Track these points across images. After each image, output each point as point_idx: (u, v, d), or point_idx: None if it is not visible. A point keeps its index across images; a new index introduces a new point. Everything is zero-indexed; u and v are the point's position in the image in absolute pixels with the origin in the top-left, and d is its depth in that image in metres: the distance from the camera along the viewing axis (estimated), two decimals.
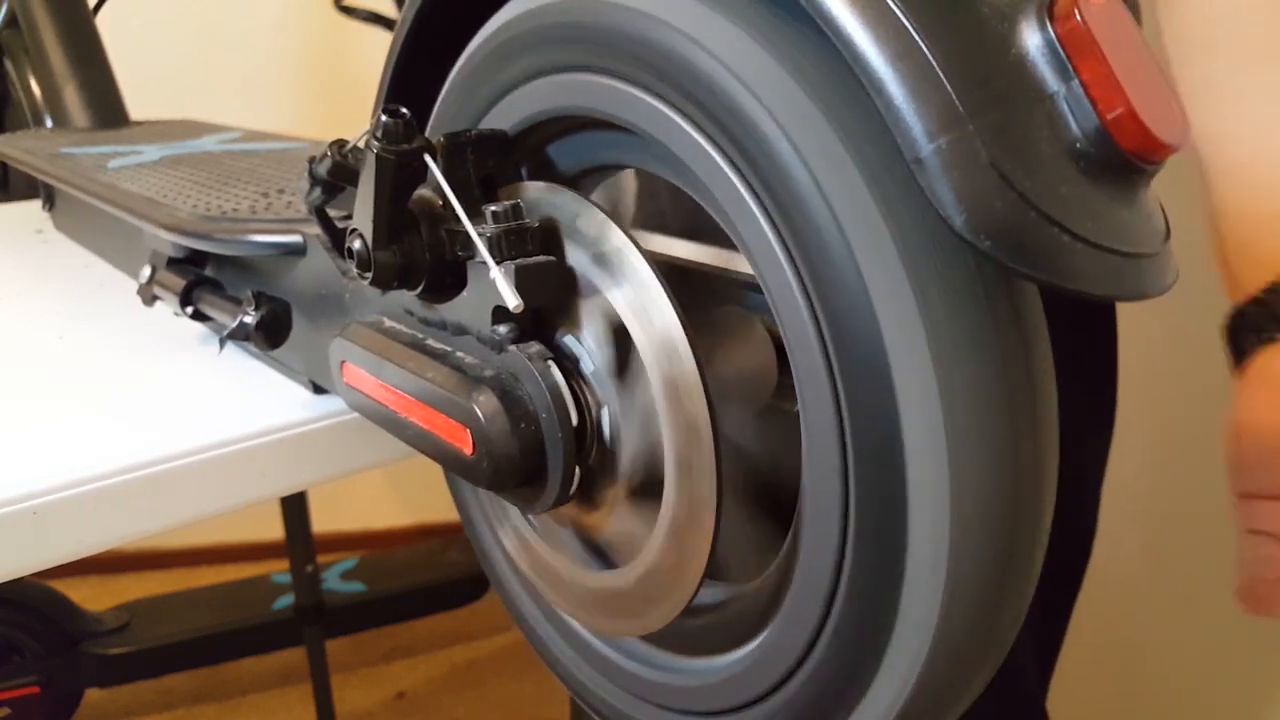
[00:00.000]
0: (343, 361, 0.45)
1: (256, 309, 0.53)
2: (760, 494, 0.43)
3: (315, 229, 0.47)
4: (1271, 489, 0.47)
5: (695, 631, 0.40)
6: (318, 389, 0.53)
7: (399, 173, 0.37)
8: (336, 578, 1.70)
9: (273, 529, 1.60)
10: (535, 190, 0.38)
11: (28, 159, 0.83)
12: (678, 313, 0.33)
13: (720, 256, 0.42)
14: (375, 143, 0.37)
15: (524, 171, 0.43)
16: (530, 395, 0.36)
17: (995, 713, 0.60)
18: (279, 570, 1.69)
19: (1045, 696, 0.73)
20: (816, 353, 0.30)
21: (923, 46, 0.26)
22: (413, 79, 0.45)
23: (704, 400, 0.33)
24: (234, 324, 0.53)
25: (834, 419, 0.30)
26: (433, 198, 0.40)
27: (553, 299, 0.37)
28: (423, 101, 0.45)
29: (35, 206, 1.00)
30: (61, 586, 1.55)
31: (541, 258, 0.36)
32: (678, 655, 0.41)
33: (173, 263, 0.61)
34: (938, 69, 0.26)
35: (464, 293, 0.39)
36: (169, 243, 0.59)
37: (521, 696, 1.75)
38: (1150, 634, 1.23)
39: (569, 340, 0.38)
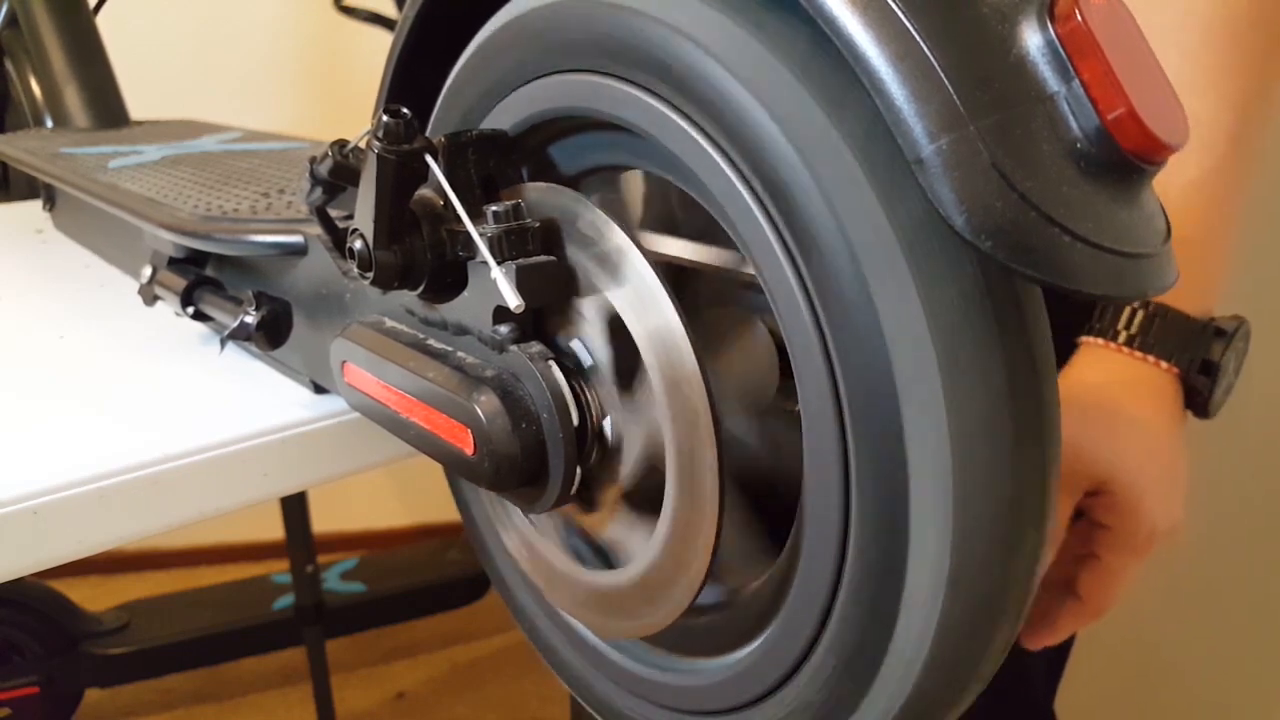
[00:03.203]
0: (344, 361, 0.45)
1: (257, 309, 0.53)
2: (762, 494, 0.43)
3: (316, 229, 0.47)
4: None
5: (696, 632, 0.40)
6: (319, 389, 0.53)
7: (400, 173, 0.37)
8: (336, 578, 1.70)
9: (273, 529, 1.60)
10: (536, 191, 0.38)
11: (28, 159, 0.83)
12: (679, 313, 0.33)
13: (722, 256, 0.42)
14: (376, 143, 0.37)
15: (525, 172, 0.43)
16: (531, 395, 0.36)
17: (1003, 714, 0.60)
18: (279, 570, 1.69)
19: (1054, 698, 0.73)
20: (817, 353, 0.30)
21: (923, 47, 0.26)
22: (414, 79, 0.45)
23: (706, 401, 0.33)
24: (235, 324, 0.53)
25: (835, 419, 0.30)
26: (434, 198, 0.40)
27: (554, 299, 0.37)
28: (424, 101, 0.45)
29: (35, 206, 1.00)
30: (61, 586, 1.55)
31: (542, 258, 0.36)
32: (678, 655, 0.41)
33: (173, 263, 0.61)
34: (938, 69, 0.26)
35: (465, 293, 0.39)
36: (169, 243, 0.59)
37: (521, 696, 1.75)
38: (1157, 633, 1.23)
39: (570, 340, 0.38)
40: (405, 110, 0.37)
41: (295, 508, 1.52)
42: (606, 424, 0.37)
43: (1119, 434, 0.48)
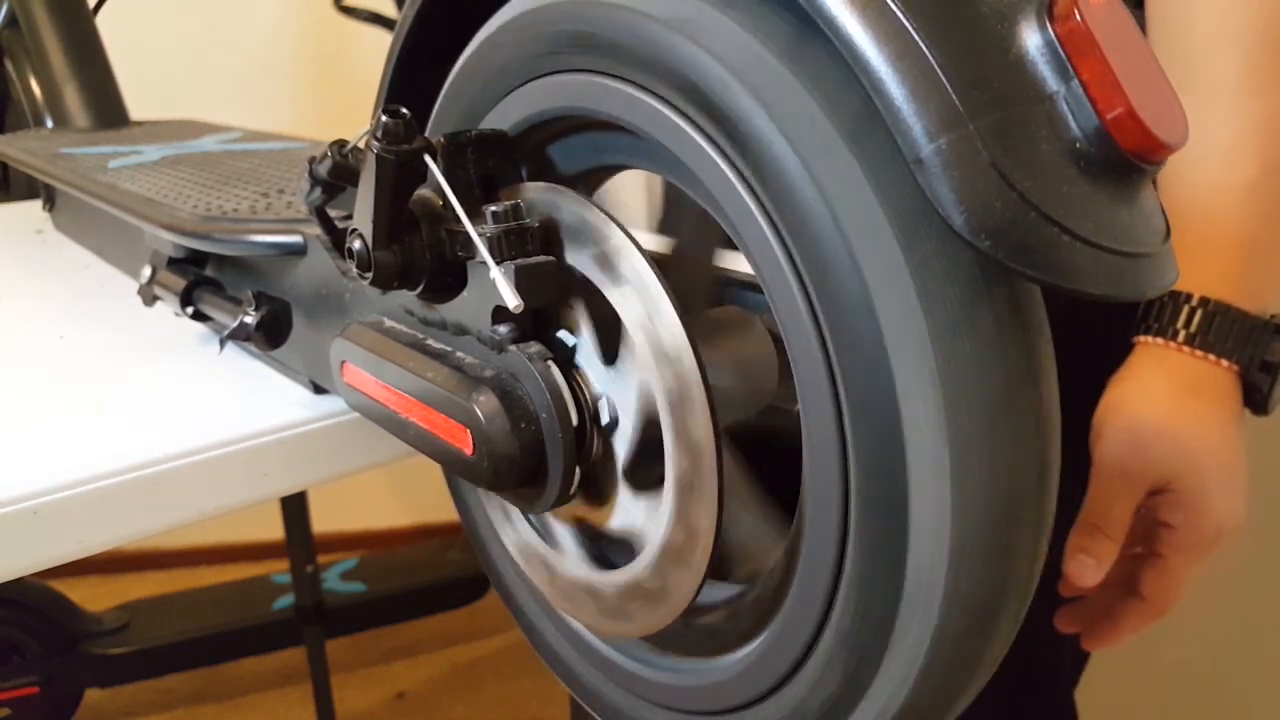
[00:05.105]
0: (343, 361, 0.45)
1: (257, 309, 0.53)
2: (762, 493, 0.43)
3: (315, 229, 0.47)
4: None
5: (696, 631, 0.40)
6: (318, 389, 0.53)
7: (399, 173, 0.37)
8: (336, 578, 1.70)
9: (273, 529, 1.60)
10: (535, 190, 0.38)
11: (28, 159, 0.83)
12: (679, 312, 0.33)
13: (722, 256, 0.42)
14: (375, 143, 0.37)
15: (524, 172, 0.43)
16: (530, 395, 0.36)
17: (1028, 706, 0.60)
18: (279, 570, 1.69)
19: (1074, 687, 0.73)
20: (817, 353, 0.30)
21: (923, 47, 0.26)
22: (413, 79, 0.45)
23: (705, 400, 0.33)
24: (234, 324, 0.53)
25: (834, 419, 0.30)
26: (433, 198, 0.40)
27: (553, 299, 0.37)
28: (423, 101, 0.45)
29: (35, 206, 1.00)
30: (61, 586, 1.55)
31: (541, 258, 0.36)
32: (678, 655, 0.41)
33: (173, 263, 0.61)
34: (938, 69, 0.26)
35: (464, 293, 0.39)
36: (169, 243, 0.59)
37: (521, 696, 1.75)
38: (1174, 628, 1.23)
39: (569, 340, 0.38)
40: (404, 110, 0.37)
41: (295, 508, 1.52)
42: (606, 423, 0.37)
43: (1183, 433, 0.48)
